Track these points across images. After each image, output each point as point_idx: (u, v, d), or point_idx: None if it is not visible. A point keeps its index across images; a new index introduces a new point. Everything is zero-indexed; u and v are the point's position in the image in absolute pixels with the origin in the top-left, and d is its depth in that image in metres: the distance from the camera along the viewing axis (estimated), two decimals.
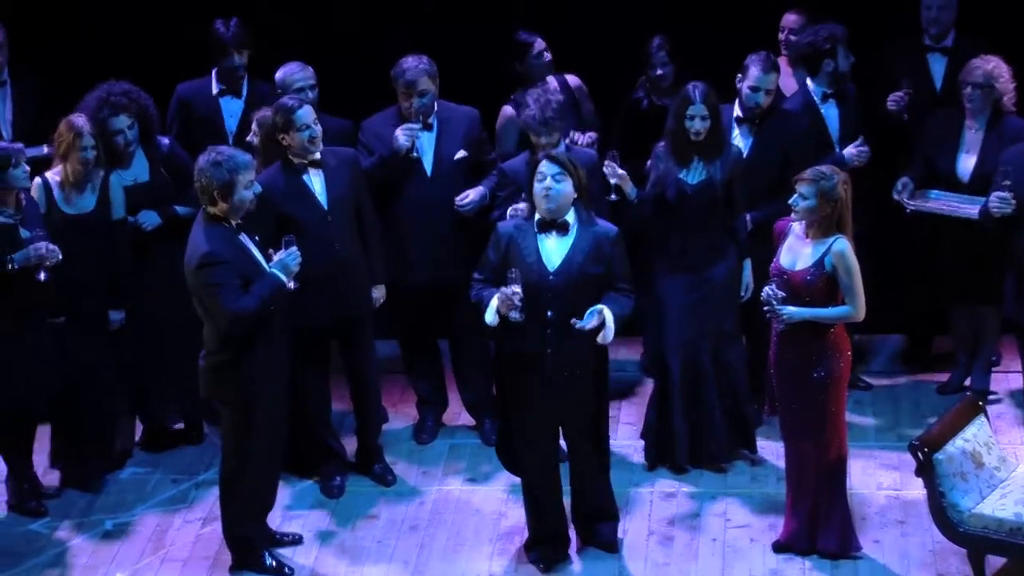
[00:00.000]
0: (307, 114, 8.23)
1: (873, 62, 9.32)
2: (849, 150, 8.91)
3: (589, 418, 7.84)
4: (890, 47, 9.40)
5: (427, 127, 8.81)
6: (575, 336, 7.54)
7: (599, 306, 7.53)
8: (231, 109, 9.23)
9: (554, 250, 7.63)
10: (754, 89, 8.69)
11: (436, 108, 8.84)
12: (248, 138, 8.54)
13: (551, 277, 7.58)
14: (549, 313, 7.56)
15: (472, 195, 8.82)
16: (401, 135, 8.61)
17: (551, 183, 7.55)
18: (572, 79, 9.52)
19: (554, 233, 7.63)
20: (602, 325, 7.53)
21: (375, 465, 8.76)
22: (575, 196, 7.62)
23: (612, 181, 8.36)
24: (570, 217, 7.64)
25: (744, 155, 8.63)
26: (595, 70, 9.62)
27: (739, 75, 8.77)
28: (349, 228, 8.43)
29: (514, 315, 7.52)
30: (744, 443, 8.78)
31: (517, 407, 7.78)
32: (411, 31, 9.62)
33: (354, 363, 8.64)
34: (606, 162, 8.40)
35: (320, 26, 10.03)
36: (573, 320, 7.49)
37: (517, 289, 7.48)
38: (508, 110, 9.22)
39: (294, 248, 7.61)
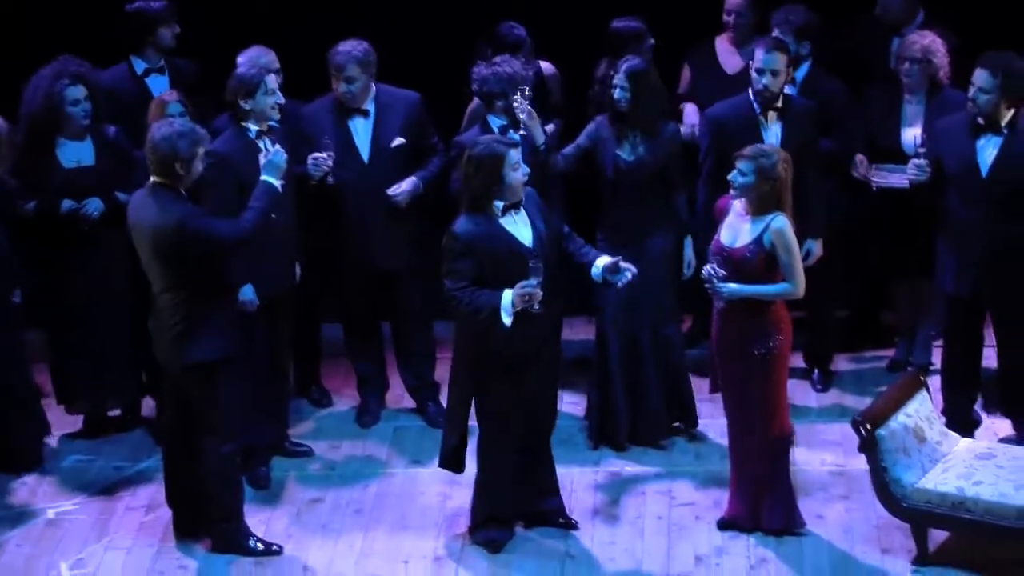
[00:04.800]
0: (274, 80, 8.31)
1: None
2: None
3: (554, 396, 7.87)
4: (864, 25, 9.47)
5: (362, 113, 8.78)
6: (552, 311, 7.56)
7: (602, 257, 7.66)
8: (160, 88, 9.16)
9: (520, 228, 7.58)
10: (760, 72, 8.59)
11: (375, 93, 8.79)
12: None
13: (533, 253, 7.51)
14: (536, 308, 7.49)
15: (405, 186, 8.78)
16: (310, 166, 8.54)
17: (525, 168, 7.55)
18: (546, 66, 9.51)
19: (512, 213, 7.59)
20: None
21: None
22: None
23: (520, 116, 8.32)
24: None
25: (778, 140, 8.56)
26: (565, 56, 9.61)
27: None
28: (294, 199, 8.46)
29: (536, 307, 7.44)
30: (683, 419, 8.80)
31: (500, 398, 7.66)
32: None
33: (278, 339, 8.57)
34: (516, 98, 8.37)
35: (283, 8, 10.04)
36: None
37: (539, 279, 7.40)
38: None
39: (279, 147, 7.73)
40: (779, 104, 8.60)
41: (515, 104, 8.35)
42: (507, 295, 7.41)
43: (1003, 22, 9.40)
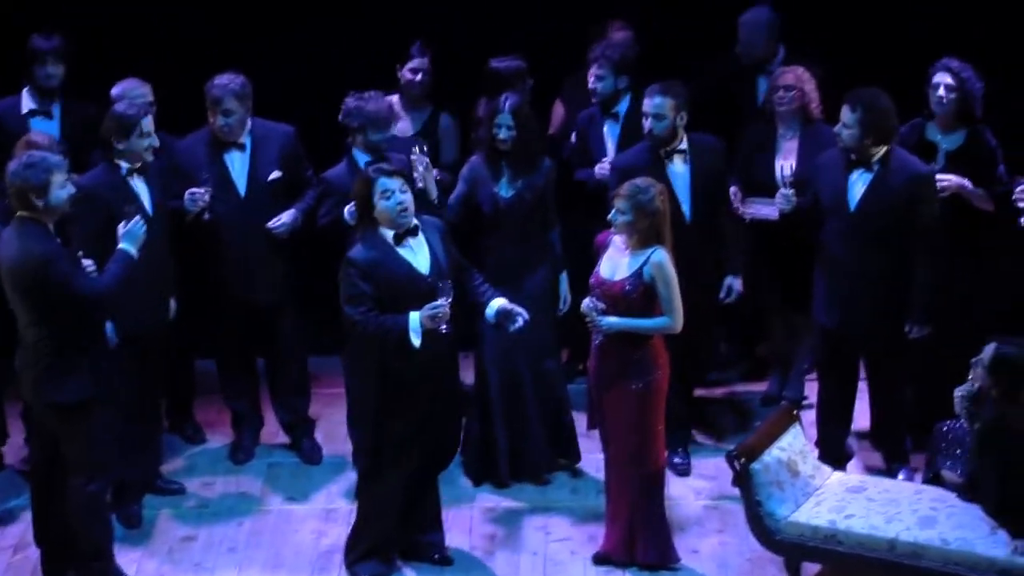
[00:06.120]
0: (150, 123, 8.23)
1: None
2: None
3: (453, 428, 7.85)
4: (727, 66, 9.57)
5: (238, 147, 8.74)
6: (449, 337, 7.54)
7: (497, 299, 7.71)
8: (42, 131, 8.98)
9: (416, 255, 7.56)
10: (644, 115, 8.55)
11: (250, 127, 8.76)
12: None
13: (429, 280, 7.50)
14: (444, 328, 7.47)
15: (285, 218, 8.74)
16: (187, 201, 8.51)
17: (402, 197, 7.49)
18: (445, 117, 9.50)
19: (410, 239, 7.57)
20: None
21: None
22: None
23: (418, 169, 8.32)
24: (415, 220, 7.62)
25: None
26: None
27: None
28: (166, 236, 8.38)
29: (444, 327, 7.43)
30: (564, 453, 8.81)
31: (395, 422, 7.61)
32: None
33: (149, 376, 8.48)
34: (415, 152, 8.39)
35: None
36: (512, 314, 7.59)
37: (448, 298, 7.40)
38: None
39: (138, 217, 7.65)
40: (682, 146, 8.60)
41: (413, 157, 8.35)
42: (414, 316, 7.38)
43: (865, 59, 9.53)
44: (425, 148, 8.45)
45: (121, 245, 7.62)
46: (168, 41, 9.91)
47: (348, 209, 8.29)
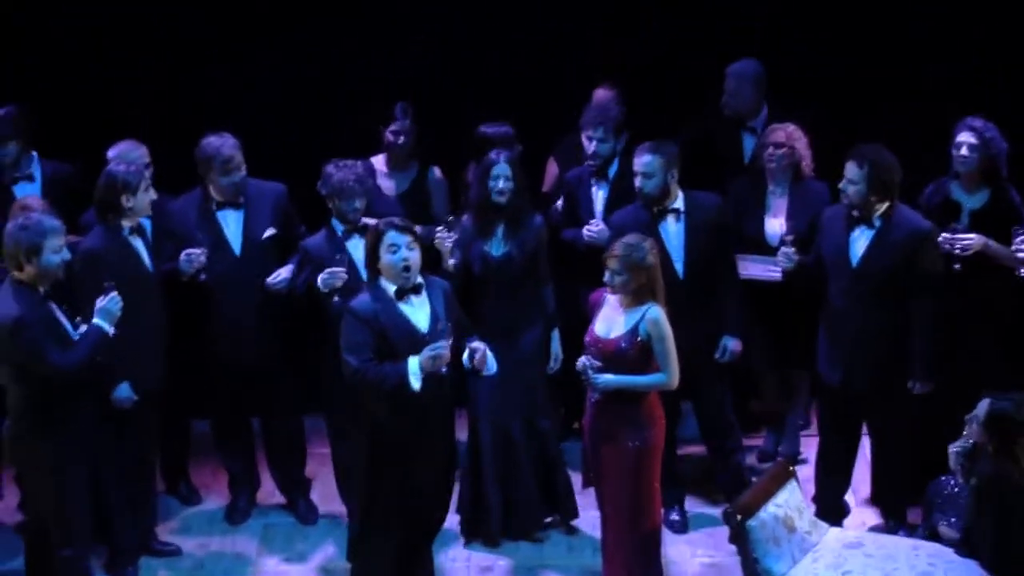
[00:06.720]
0: (149, 179, 8.29)
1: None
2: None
3: (446, 491, 7.82)
4: (711, 121, 9.60)
5: (233, 206, 8.74)
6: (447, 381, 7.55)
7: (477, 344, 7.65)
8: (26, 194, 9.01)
9: (417, 312, 7.57)
10: (635, 174, 8.56)
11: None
12: None
13: (427, 337, 7.51)
14: (444, 370, 7.49)
15: (284, 273, 8.73)
16: (183, 262, 8.53)
17: (407, 253, 7.51)
18: (434, 171, 9.53)
19: (412, 296, 7.58)
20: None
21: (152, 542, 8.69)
22: None
23: (446, 245, 8.46)
24: (419, 278, 7.62)
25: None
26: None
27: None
28: (163, 295, 8.40)
29: (444, 369, 7.44)
30: (560, 511, 8.79)
31: (390, 478, 7.59)
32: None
33: (145, 436, 8.46)
34: (439, 230, 8.50)
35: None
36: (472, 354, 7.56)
37: (448, 340, 7.41)
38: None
39: (115, 293, 7.60)
40: (675, 204, 8.60)
41: (438, 235, 8.50)
42: (413, 360, 7.38)
43: (850, 119, 9.59)
44: (451, 219, 8.49)
45: (95, 320, 7.58)
46: (168, 41, 9.93)
47: (321, 277, 8.32)
